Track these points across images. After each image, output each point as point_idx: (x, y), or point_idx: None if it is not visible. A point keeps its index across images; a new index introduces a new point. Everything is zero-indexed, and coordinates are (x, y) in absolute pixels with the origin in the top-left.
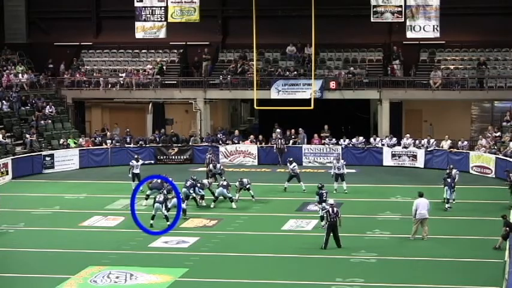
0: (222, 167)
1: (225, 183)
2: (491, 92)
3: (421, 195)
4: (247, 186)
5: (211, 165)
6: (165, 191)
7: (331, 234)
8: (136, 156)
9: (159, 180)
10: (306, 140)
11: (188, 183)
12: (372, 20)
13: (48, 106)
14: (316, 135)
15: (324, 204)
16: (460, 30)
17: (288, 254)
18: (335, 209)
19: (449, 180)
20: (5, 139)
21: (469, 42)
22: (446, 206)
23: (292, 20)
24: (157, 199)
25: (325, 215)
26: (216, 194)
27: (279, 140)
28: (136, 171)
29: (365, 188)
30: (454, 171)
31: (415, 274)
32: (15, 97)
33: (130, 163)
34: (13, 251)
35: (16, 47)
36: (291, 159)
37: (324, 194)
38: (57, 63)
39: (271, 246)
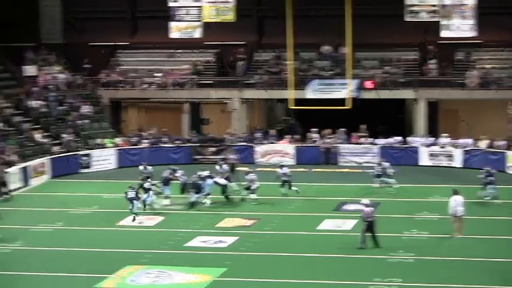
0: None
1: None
2: None
3: (455, 192)
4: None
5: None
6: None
7: (369, 234)
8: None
9: (167, 175)
10: (347, 139)
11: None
12: (407, 20)
13: (84, 106)
14: (355, 134)
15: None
16: (496, 29)
17: (326, 254)
18: (371, 208)
19: (492, 178)
20: (42, 139)
21: (506, 41)
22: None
23: (328, 19)
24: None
25: (363, 215)
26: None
27: (324, 140)
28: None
29: (402, 188)
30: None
31: (452, 274)
32: (52, 97)
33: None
34: (52, 250)
35: (52, 47)
36: (283, 163)
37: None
38: (92, 63)
39: (309, 246)
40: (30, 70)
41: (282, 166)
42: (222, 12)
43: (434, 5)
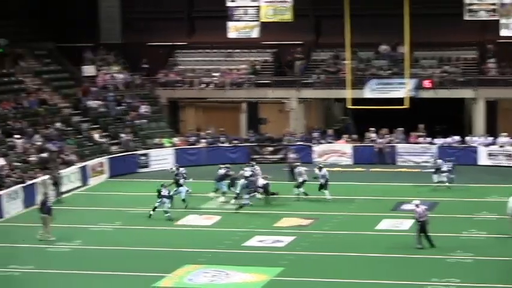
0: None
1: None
2: None
3: None
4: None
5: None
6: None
7: (422, 234)
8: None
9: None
10: (405, 139)
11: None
12: (465, 18)
13: (143, 106)
14: (413, 134)
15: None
16: None
17: (383, 254)
18: (423, 208)
19: None
20: (101, 138)
21: None
22: None
23: (386, 18)
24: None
25: (416, 216)
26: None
27: (379, 140)
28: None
29: (461, 188)
30: None
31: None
32: (110, 97)
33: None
34: (110, 249)
35: (111, 47)
36: (321, 164)
37: None
38: (150, 63)
39: (367, 246)
40: (88, 70)
41: (320, 168)
42: (279, 12)
43: (493, 4)
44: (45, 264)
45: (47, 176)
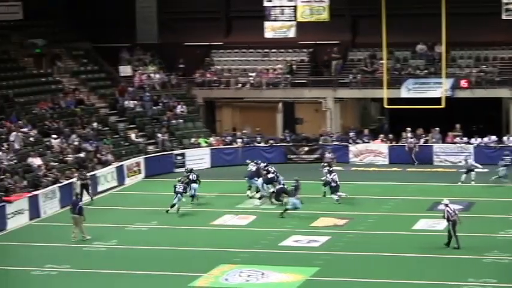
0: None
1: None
2: None
3: None
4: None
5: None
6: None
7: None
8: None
9: (253, 168)
10: (441, 139)
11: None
12: (503, 18)
13: (179, 106)
14: (450, 134)
15: None
16: None
17: (420, 254)
18: (453, 207)
19: None
20: (137, 138)
21: None
22: None
23: (422, 18)
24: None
25: (446, 216)
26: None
27: (410, 140)
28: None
29: (497, 188)
30: None
31: None
32: (147, 97)
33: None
34: (146, 249)
35: (147, 48)
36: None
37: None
38: (187, 63)
39: (403, 246)
40: (125, 70)
41: (330, 172)
42: (316, 12)
43: None
44: (82, 263)
45: (75, 178)
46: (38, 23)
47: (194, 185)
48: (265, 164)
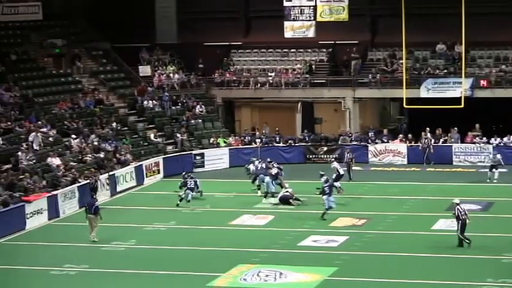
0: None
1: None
2: None
3: None
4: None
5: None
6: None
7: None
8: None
9: (263, 165)
10: (459, 139)
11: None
12: None
13: (198, 106)
14: (469, 133)
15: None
16: None
17: (438, 254)
18: (463, 207)
19: None
20: (156, 138)
21: None
22: None
23: (442, 17)
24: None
25: (456, 214)
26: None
27: (424, 140)
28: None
29: None
30: None
31: None
32: (166, 97)
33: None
34: (165, 249)
35: (167, 48)
36: (322, 172)
37: (327, 187)
38: (206, 63)
39: (421, 246)
40: (144, 70)
41: (321, 175)
42: (335, 12)
43: None
44: (100, 263)
45: (88, 180)
46: (57, 23)
47: (189, 192)
48: (269, 160)
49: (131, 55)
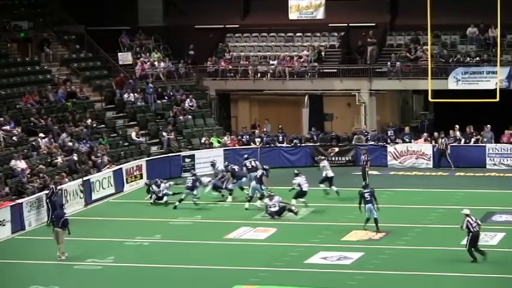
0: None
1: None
2: None
3: None
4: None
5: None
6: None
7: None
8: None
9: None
10: (493, 138)
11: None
12: None
13: (188, 99)
14: (506, 132)
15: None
16: None
17: (469, 274)
18: (474, 219)
19: None
20: (138, 137)
21: None
22: None
23: None
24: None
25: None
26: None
27: (441, 140)
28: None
29: None
30: None
31: None
32: (150, 89)
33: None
34: (149, 267)
35: (151, 31)
36: (296, 171)
37: (367, 194)
38: (198, 50)
39: (449, 264)
40: (125, 58)
41: (297, 174)
42: None
43: None
44: (73, 284)
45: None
46: (23, 2)
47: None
48: (245, 157)
49: (109, 40)
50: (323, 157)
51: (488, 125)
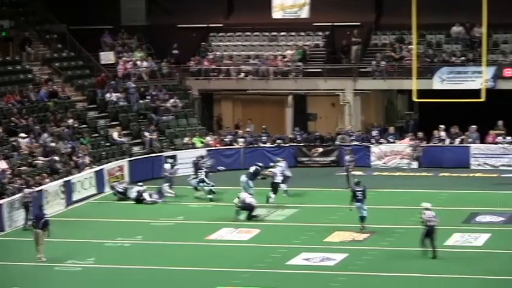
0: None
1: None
2: None
3: None
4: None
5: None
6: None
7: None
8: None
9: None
10: (478, 139)
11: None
12: None
13: (171, 99)
14: (491, 132)
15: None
16: None
17: (453, 275)
18: (431, 213)
19: None
20: (120, 137)
21: None
22: None
23: None
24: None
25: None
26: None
27: (411, 142)
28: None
29: None
30: None
31: None
32: (132, 88)
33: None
34: (129, 269)
35: (134, 30)
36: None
37: (359, 193)
38: (181, 49)
39: (433, 265)
40: (107, 57)
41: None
42: None
43: None
44: (53, 286)
45: (26, 191)
46: (3, 1)
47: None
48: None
49: (91, 39)
50: (280, 158)
51: (474, 126)
